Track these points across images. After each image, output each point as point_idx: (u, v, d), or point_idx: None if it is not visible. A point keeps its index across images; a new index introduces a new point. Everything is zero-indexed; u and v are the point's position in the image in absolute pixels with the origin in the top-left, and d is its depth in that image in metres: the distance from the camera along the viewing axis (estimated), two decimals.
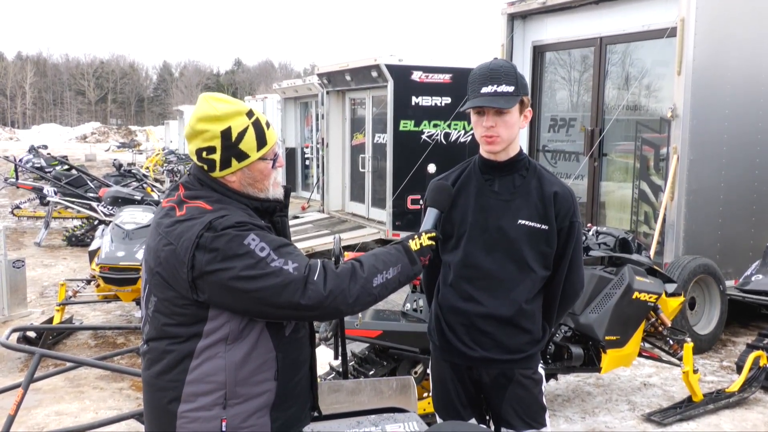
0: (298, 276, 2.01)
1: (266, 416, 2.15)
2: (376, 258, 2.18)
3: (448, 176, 2.85)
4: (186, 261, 2.01)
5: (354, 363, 4.71)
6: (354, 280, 2.07)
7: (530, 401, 2.77)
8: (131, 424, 4.69)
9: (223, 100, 2.16)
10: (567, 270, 2.77)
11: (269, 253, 2.02)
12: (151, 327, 2.16)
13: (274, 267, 2.01)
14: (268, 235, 2.07)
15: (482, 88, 2.60)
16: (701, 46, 6.84)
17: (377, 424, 2.93)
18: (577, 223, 2.74)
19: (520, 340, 2.73)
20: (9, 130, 72.76)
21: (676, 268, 6.56)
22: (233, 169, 2.16)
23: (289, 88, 17.02)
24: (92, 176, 13.77)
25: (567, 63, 9.08)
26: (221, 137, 2.12)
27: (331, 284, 2.04)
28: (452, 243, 2.77)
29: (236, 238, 2.01)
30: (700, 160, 6.99)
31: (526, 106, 2.67)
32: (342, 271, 2.08)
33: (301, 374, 2.28)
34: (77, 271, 9.94)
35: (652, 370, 6.08)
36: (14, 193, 18.08)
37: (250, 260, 2.00)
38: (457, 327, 2.77)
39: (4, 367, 6.19)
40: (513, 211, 2.68)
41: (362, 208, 12.86)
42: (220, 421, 2.08)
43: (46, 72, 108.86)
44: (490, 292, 2.70)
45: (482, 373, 2.78)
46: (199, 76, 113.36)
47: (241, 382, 2.10)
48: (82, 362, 4.58)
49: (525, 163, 2.75)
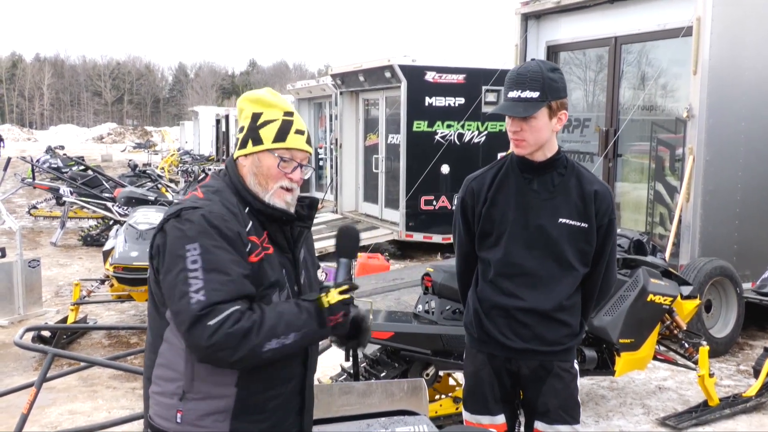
0: (194, 309, 1.94)
1: (226, 422, 2.09)
2: (279, 319, 2.02)
3: (484, 175, 2.88)
4: (152, 240, 2.12)
5: (365, 365, 4.69)
6: (244, 341, 1.95)
7: (567, 395, 2.82)
8: (143, 423, 4.70)
9: (273, 93, 2.27)
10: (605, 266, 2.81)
11: (197, 269, 1.97)
12: (149, 300, 2.23)
13: (184, 288, 1.96)
14: (216, 251, 2.00)
15: (509, 92, 2.66)
16: (717, 46, 6.77)
17: (387, 426, 2.92)
18: (614, 220, 2.80)
19: (559, 332, 2.77)
20: (27, 131, 73.36)
21: (692, 270, 6.49)
22: (247, 151, 2.20)
23: (303, 88, 17.05)
24: (107, 176, 13.84)
25: (581, 63, 9.03)
26: (251, 118, 2.20)
27: (218, 338, 1.92)
28: (492, 240, 2.80)
29: (183, 239, 2.01)
30: (717, 161, 6.92)
31: (557, 110, 2.66)
32: (236, 330, 1.94)
33: (278, 391, 2.17)
34: (92, 271, 9.99)
35: (668, 374, 6.02)
36: (31, 193, 18.21)
37: (178, 264, 2.00)
38: (497, 319, 2.80)
39: (19, 366, 6.23)
40: (553, 210, 2.72)
41: (375, 209, 12.86)
42: (176, 411, 2.08)
43: (63, 73, 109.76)
44: (531, 289, 2.74)
45: (521, 365, 2.81)
46: (214, 77, 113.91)
47: (198, 378, 2.07)
48: (94, 362, 4.61)
49: (563, 161, 2.77)
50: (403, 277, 8.45)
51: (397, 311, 5.26)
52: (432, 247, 11.64)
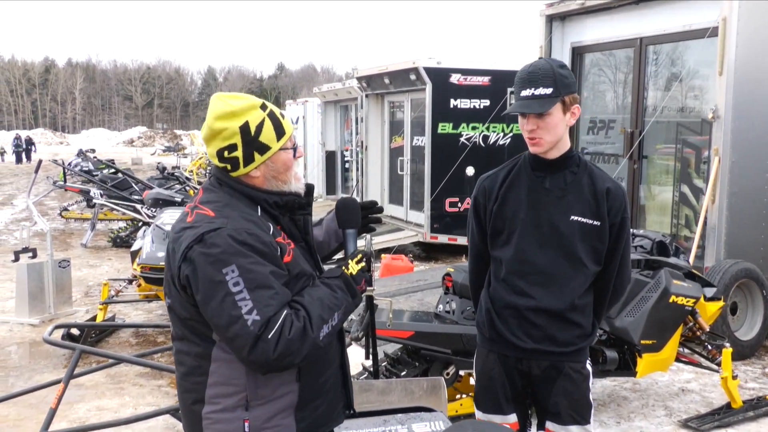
0: (252, 331, 1.95)
1: (290, 417, 2.15)
2: (322, 306, 2.08)
3: (497, 173, 2.89)
4: (176, 270, 2.06)
5: (386, 363, 4.73)
6: (304, 340, 2.00)
7: (578, 396, 2.80)
8: (168, 419, 4.79)
9: (235, 96, 2.17)
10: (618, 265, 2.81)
11: (241, 290, 1.96)
12: (172, 324, 2.21)
13: (235, 313, 1.96)
14: (254, 268, 2.00)
15: (522, 91, 2.66)
16: (743, 46, 6.71)
17: (404, 422, 2.96)
18: (627, 218, 2.78)
19: (571, 333, 2.77)
20: (60, 135, 74.62)
21: (717, 272, 6.43)
22: (257, 163, 2.15)
23: (329, 91, 17.15)
24: (137, 179, 14.07)
25: (606, 64, 8.99)
26: (240, 133, 2.11)
27: (282, 347, 1.96)
28: (503, 238, 2.81)
29: (218, 263, 1.98)
30: (742, 162, 6.85)
31: (570, 104, 2.67)
32: (294, 334, 1.98)
33: (328, 374, 2.26)
34: (121, 272, 10.16)
35: (691, 376, 5.98)
36: (63, 195, 18.54)
37: (220, 291, 1.97)
38: (509, 319, 2.80)
39: (49, 363, 6.38)
40: (565, 208, 2.72)
41: (401, 211, 12.89)
42: (242, 422, 2.09)
43: (95, 78, 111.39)
44: (543, 287, 2.74)
45: (532, 365, 2.81)
46: (242, 81, 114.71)
47: (261, 384, 2.09)
48: (121, 359, 4.70)
49: (576, 159, 2.78)
50: (427, 279, 8.48)
51: (418, 311, 5.29)
52: (457, 249, 11.65)
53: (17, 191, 22.61)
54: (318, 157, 18.33)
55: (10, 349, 6.89)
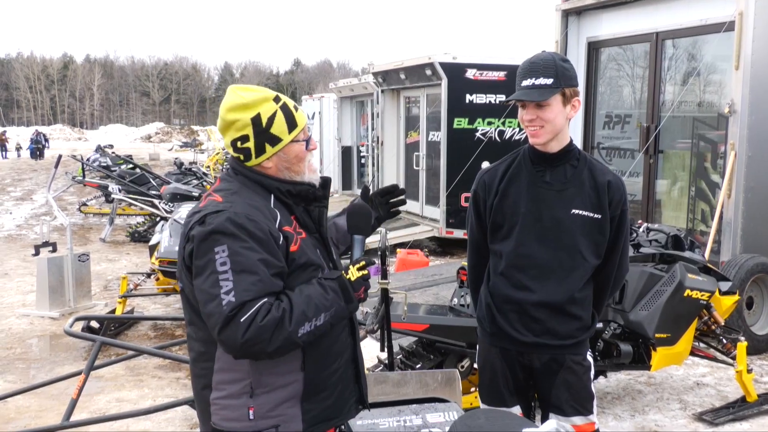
0: (224, 311, 1.98)
1: (296, 407, 2.17)
2: (308, 303, 2.08)
3: (497, 167, 2.90)
4: (182, 250, 2.13)
5: (401, 356, 4.77)
6: (279, 330, 2.00)
7: (580, 387, 2.82)
8: (186, 410, 4.87)
9: (248, 89, 2.21)
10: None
11: (226, 270, 2.01)
12: (183, 309, 2.27)
13: (215, 291, 2.00)
14: (243, 252, 2.03)
15: (522, 81, 2.67)
16: (760, 41, 6.68)
17: (418, 413, 3.02)
18: (627, 211, 2.80)
19: (571, 326, 2.78)
20: (78, 131, 75.30)
21: (733, 266, 6.42)
22: (268, 155, 2.19)
23: (345, 87, 17.19)
24: (154, 174, 14.20)
25: (623, 59, 8.97)
26: (252, 124, 2.16)
27: (252, 333, 1.97)
28: (503, 232, 2.82)
29: (209, 242, 2.03)
30: (759, 157, 6.83)
31: (570, 97, 2.68)
32: (268, 321, 1.99)
33: (336, 366, 2.26)
34: (139, 266, 10.28)
35: (707, 370, 5.98)
36: (82, 191, 18.75)
37: (207, 269, 2.03)
38: (509, 314, 2.82)
39: (70, 356, 6.48)
40: (566, 201, 2.73)
41: (416, 206, 12.92)
42: (247, 409, 2.12)
43: (113, 74, 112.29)
44: (543, 281, 2.75)
45: (533, 359, 2.83)
46: (259, 76, 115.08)
47: (265, 372, 2.12)
48: (140, 350, 4.78)
49: (576, 153, 2.78)
50: (442, 273, 8.53)
51: (434, 304, 5.33)
52: None
53: (36, 186, 22.86)
54: (334, 153, 18.38)
55: (32, 342, 7.01)
